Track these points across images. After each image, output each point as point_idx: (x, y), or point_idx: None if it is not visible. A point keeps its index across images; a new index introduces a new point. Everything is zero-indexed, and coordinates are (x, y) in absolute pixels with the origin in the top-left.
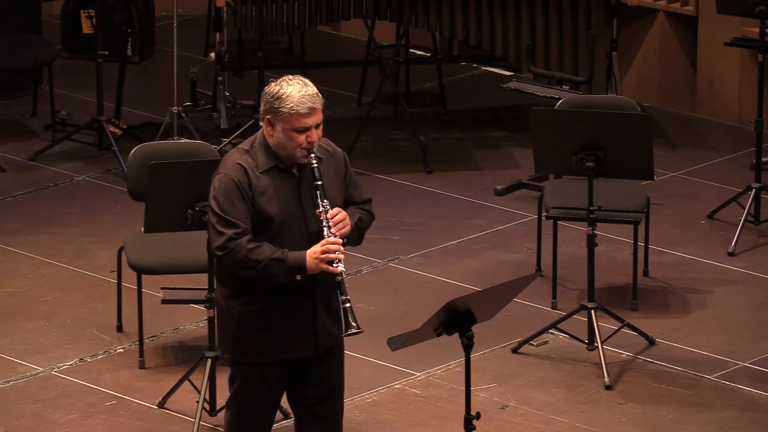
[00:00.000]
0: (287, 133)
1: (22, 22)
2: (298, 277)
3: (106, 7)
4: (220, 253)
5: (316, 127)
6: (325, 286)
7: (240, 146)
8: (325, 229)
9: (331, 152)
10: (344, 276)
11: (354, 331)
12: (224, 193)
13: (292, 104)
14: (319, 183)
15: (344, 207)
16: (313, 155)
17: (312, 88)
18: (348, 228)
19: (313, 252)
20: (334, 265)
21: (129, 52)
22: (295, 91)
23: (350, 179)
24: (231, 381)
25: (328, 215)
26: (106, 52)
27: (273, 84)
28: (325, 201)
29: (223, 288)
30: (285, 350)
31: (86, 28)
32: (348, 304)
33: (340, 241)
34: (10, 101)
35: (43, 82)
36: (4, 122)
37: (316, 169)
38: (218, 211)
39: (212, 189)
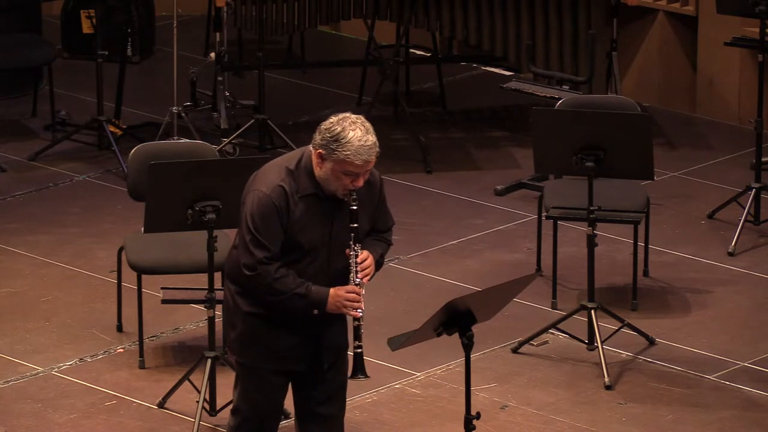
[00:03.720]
0: (335, 173)
1: (22, 22)
2: (315, 312)
3: (106, 7)
4: (247, 273)
5: (365, 173)
6: None
7: (285, 163)
8: (352, 272)
9: (371, 182)
10: (362, 322)
11: (361, 378)
12: (262, 213)
13: (348, 153)
14: (355, 226)
15: (368, 234)
16: (354, 196)
17: (372, 137)
18: (372, 274)
19: (336, 295)
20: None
21: (129, 52)
22: (356, 138)
23: (381, 207)
24: (236, 384)
25: (358, 260)
26: (106, 52)
27: (335, 120)
28: (357, 246)
29: (231, 284)
30: (288, 360)
31: (86, 28)
32: (360, 350)
33: (362, 291)
34: (10, 101)
35: (43, 82)
36: (4, 122)
37: (354, 213)
38: (253, 230)
39: (251, 204)
